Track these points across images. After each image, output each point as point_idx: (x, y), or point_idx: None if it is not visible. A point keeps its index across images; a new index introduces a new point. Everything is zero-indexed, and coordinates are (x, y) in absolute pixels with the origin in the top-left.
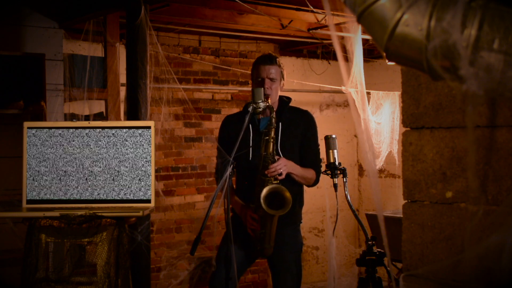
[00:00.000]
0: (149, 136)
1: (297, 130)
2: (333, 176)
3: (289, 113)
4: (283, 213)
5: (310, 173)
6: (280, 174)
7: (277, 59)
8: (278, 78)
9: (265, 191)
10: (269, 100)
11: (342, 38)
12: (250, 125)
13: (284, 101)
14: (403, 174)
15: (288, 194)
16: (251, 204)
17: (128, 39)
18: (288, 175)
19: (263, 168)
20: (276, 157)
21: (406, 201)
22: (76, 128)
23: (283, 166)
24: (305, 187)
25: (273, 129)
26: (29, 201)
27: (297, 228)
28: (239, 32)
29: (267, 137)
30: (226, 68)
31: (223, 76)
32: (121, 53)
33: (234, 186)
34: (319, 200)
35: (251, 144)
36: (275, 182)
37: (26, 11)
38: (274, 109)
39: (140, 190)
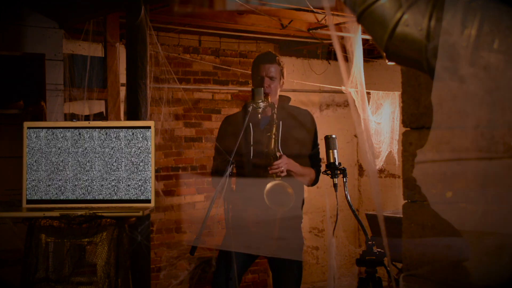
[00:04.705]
0: (149, 136)
1: (297, 129)
2: (333, 176)
3: (289, 112)
4: (286, 209)
5: (309, 172)
6: (282, 172)
7: (277, 57)
8: (277, 76)
9: (267, 187)
10: (269, 98)
11: (342, 38)
12: (251, 124)
13: (284, 100)
14: (403, 174)
15: (290, 190)
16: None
17: (128, 39)
18: (288, 173)
19: (266, 165)
20: (278, 154)
21: (406, 201)
22: (76, 128)
23: (284, 164)
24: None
25: (274, 126)
26: (29, 201)
27: (299, 227)
28: (239, 32)
29: (269, 134)
30: (226, 68)
31: (223, 76)
32: (121, 53)
33: (233, 186)
34: (319, 200)
35: (252, 143)
36: (277, 178)
37: (26, 11)
38: (276, 106)
39: (140, 190)
